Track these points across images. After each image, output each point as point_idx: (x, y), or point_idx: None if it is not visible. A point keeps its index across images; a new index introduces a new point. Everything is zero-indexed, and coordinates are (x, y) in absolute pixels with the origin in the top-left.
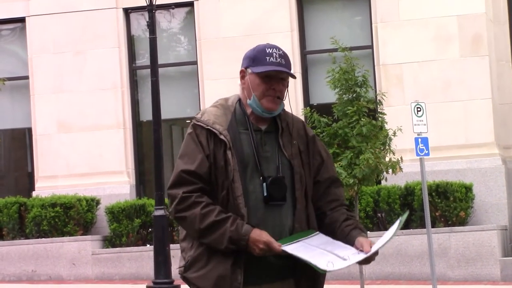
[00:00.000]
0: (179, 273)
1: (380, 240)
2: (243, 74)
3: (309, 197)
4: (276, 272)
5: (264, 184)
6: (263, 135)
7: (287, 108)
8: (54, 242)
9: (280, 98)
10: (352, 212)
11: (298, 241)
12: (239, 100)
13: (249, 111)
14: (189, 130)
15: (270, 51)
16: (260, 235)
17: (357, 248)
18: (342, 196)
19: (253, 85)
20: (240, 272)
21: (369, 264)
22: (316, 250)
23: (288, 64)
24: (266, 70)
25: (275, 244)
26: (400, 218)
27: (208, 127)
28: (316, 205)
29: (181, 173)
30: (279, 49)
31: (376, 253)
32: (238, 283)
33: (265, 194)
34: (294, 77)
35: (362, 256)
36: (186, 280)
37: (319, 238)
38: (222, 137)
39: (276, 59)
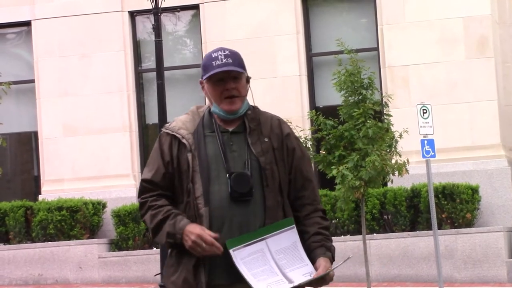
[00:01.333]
0: None
1: (331, 267)
2: (202, 85)
3: (284, 194)
4: None
5: (229, 180)
6: (230, 135)
7: (250, 102)
8: (61, 246)
9: (236, 96)
10: (325, 220)
11: (259, 240)
12: (209, 107)
13: (217, 115)
14: (157, 140)
15: (216, 55)
16: (194, 228)
17: (315, 268)
18: (317, 198)
19: (210, 92)
20: (202, 272)
21: (375, 266)
22: (267, 265)
23: (236, 62)
24: (209, 75)
25: (207, 236)
26: (348, 257)
27: (173, 133)
28: (292, 206)
29: (142, 182)
30: (225, 49)
31: (329, 279)
32: (201, 283)
33: (229, 190)
34: (242, 71)
35: (308, 279)
36: (163, 287)
37: (287, 238)
38: (184, 140)
39: (222, 61)
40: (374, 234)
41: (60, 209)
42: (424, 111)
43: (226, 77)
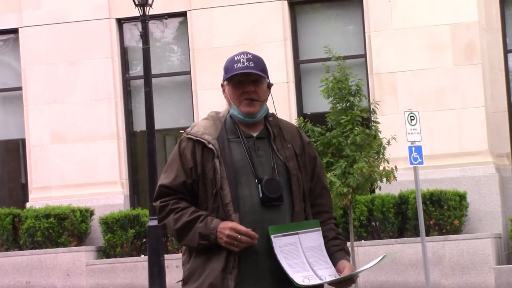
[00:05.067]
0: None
1: (360, 268)
2: (223, 87)
3: (307, 200)
4: (274, 279)
5: (259, 185)
6: (255, 140)
7: (271, 110)
8: (48, 253)
9: (255, 100)
10: (338, 227)
11: (294, 233)
12: (229, 112)
13: (238, 119)
14: (177, 145)
15: (238, 58)
16: (227, 223)
17: (338, 271)
18: (332, 207)
19: (230, 95)
20: (231, 278)
21: (364, 274)
22: (300, 258)
23: (258, 66)
24: (230, 75)
25: (241, 226)
26: (387, 254)
27: (197, 138)
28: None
29: (160, 187)
30: (248, 53)
31: (352, 281)
32: None
33: (260, 195)
34: (263, 76)
35: (336, 278)
36: None
37: (314, 238)
38: (210, 146)
39: (243, 64)
40: (362, 241)
41: (48, 217)
42: (412, 118)
43: (246, 80)
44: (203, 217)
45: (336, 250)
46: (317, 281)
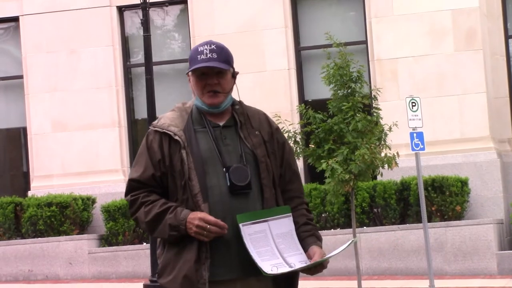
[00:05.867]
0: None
1: (330, 254)
2: (188, 77)
3: (277, 186)
4: (247, 267)
5: (227, 174)
6: (222, 129)
7: (236, 98)
8: (50, 242)
9: (218, 92)
10: (310, 212)
11: (263, 221)
12: None
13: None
14: (144, 138)
15: (201, 49)
16: (196, 213)
17: (308, 256)
18: (303, 192)
19: (193, 85)
20: (204, 269)
21: (366, 260)
22: (269, 246)
23: (221, 57)
24: (192, 69)
25: (210, 216)
26: (352, 240)
27: (164, 130)
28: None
29: (130, 181)
30: (212, 44)
31: (323, 266)
32: (203, 279)
33: (228, 184)
34: (225, 68)
35: (306, 264)
36: (161, 286)
37: (285, 225)
38: (176, 137)
39: (207, 55)
40: (364, 227)
41: (50, 205)
42: (413, 104)
43: (210, 72)
44: (172, 208)
45: (307, 236)
46: (286, 269)
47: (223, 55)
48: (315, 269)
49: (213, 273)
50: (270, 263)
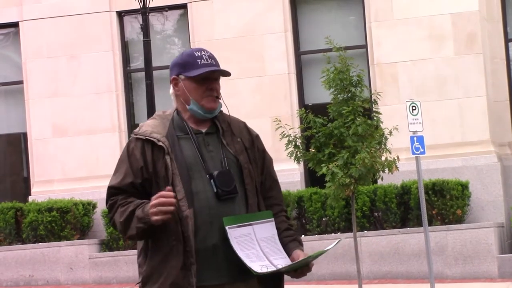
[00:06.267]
0: None
1: (313, 253)
2: (175, 81)
3: (259, 193)
4: (235, 270)
5: (212, 180)
6: (204, 136)
7: (224, 108)
8: (51, 247)
9: (218, 97)
10: (289, 219)
11: (248, 224)
12: (176, 109)
13: (186, 116)
14: (125, 146)
15: (199, 54)
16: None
17: (292, 260)
18: (282, 199)
19: (189, 90)
20: (191, 275)
21: (366, 264)
22: (255, 249)
23: (218, 64)
24: (202, 72)
25: (164, 192)
26: (337, 240)
27: (146, 138)
28: None
29: (109, 189)
30: (206, 50)
31: (309, 269)
32: (191, 285)
33: (215, 190)
34: (228, 74)
35: (294, 263)
36: None
37: (268, 229)
38: (160, 143)
39: (207, 60)
40: (365, 231)
41: (50, 210)
42: (413, 108)
43: (211, 76)
44: (143, 203)
45: (290, 241)
46: (274, 269)
47: (217, 62)
48: (301, 271)
49: (201, 278)
50: (259, 264)
